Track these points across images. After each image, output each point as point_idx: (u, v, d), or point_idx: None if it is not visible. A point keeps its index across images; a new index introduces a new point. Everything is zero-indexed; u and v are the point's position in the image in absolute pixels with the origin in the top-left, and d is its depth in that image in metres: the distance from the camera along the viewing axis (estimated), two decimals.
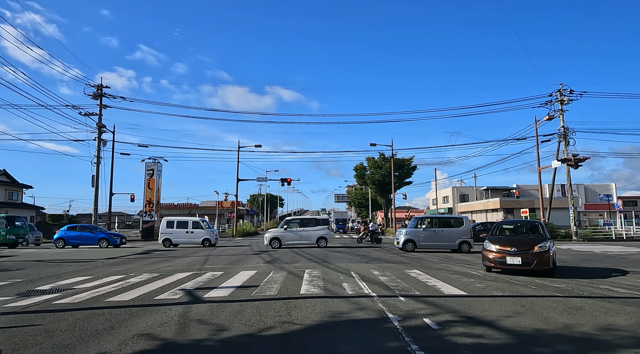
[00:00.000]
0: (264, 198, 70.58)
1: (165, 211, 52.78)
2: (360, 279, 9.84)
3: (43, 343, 4.83)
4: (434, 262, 14.05)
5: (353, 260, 14.92)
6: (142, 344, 4.78)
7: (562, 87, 30.65)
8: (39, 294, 8.07)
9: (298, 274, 10.96)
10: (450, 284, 8.97)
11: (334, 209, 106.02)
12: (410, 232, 18.89)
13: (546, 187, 40.05)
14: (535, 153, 31.81)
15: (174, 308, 6.68)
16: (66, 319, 6.01)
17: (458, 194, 63.60)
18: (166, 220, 25.41)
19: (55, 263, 14.67)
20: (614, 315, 6.13)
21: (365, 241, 27.20)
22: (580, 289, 8.38)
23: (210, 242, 24.40)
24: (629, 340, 4.89)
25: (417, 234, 18.76)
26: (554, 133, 31.39)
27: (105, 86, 30.36)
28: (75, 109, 28.54)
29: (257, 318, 5.97)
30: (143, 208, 36.87)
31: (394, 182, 45.11)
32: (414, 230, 18.89)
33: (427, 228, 18.89)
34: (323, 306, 6.85)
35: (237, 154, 41.83)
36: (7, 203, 42.05)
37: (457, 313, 6.24)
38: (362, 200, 71.77)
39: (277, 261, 14.84)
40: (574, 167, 27.72)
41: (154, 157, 37.41)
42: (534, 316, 6.06)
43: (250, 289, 8.49)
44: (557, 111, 30.50)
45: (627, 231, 33.05)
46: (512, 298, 7.50)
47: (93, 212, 30.22)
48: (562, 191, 45.15)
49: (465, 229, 18.76)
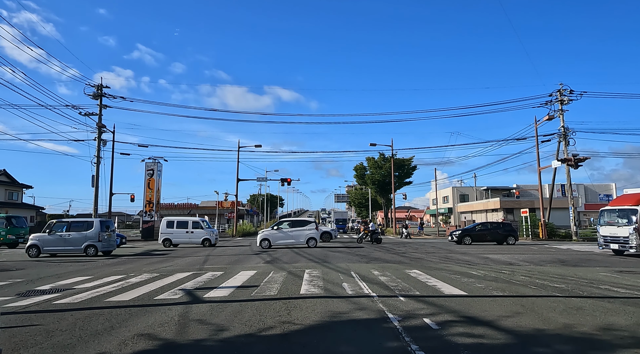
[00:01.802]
0: (264, 198, 70.58)
1: (165, 211, 52.77)
2: (360, 279, 9.84)
3: (43, 343, 4.83)
4: (434, 262, 14.05)
5: (353, 260, 14.92)
6: (142, 344, 4.78)
7: (562, 87, 30.64)
8: (39, 294, 8.08)
9: (298, 274, 10.96)
10: (450, 284, 8.97)
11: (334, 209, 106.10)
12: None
13: (546, 187, 40.05)
14: (535, 153, 31.83)
15: (174, 308, 6.68)
16: (66, 319, 6.01)
17: (458, 194, 63.59)
18: (166, 220, 25.40)
19: (55, 263, 14.67)
20: (614, 315, 6.13)
21: (365, 241, 27.20)
22: (580, 289, 8.38)
23: (210, 242, 24.40)
24: (629, 340, 4.89)
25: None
26: (554, 133, 31.39)
27: (105, 86, 30.36)
28: (75, 109, 28.52)
29: (257, 318, 5.97)
30: (143, 208, 36.87)
31: (394, 182, 45.12)
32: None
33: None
34: (323, 306, 6.85)
35: (237, 154, 41.85)
36: (7, 203, 42.08)
37: (457, 313, 6.24)
38: (362, 200, 71.74)
39: (277, 261, 14.84)
40: (574, 167, 27.72)
41: (154, 157, 37.41)
42: (534, 316, 6.06)
43: (250, 289, 8.49)
44: (557, 111, 30.48)
45: None
46: (512, 298, 7.50)
47: (93, 212, 30.19)
48: (562, 191, 45.18)
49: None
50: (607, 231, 17.51)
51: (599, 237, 17.99)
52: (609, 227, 17.42)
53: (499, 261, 14.76)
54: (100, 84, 30.20)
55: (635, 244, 15.92)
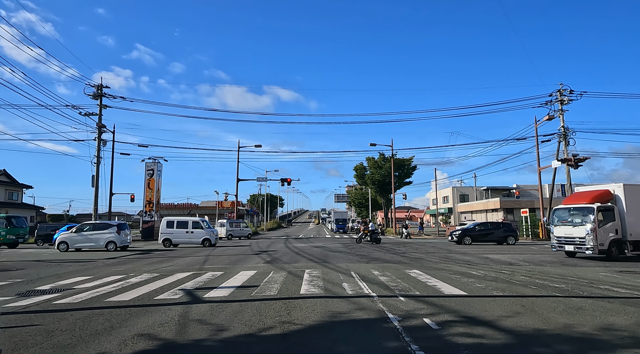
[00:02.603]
0: (264, 198, 70.56)
1: (165, 211, 52.78)
2: (360, 279, 9.84)
3: (43, 343, 4.83)
4: (434, 262, 14.05)
5: (353, 260, 14.92)
6: (142, 344, 4.78)
7: (562, 87, 30.64)
8: (39, 294, 8.07)
9: (298, 274, 10.96)
10: (450, 284, 8.97)
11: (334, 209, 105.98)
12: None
13: (546, 187, 40.01)
14: (535, 153, 31.82)
15: (174, 308, 6.68)
16: (66, 319, 6.01)
17: (458, 194, 63.58)
18: (166, 220, 25.41)
19: (55, 263, 14.67)
20: (614, 315, 6.13)
21: (364, 241, 27.20)
22: (580, 289, 8.38)
23: (210, 242, 24.40)
24: (629, 340, 4.89)
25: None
26: (554, 133, 31.37)
27: (105, 86, 30.36)
28: (75, 109, 28.52)
29: (257, 318, 5.97)
30: (143, 208, 36.86)
31: (394, 182, 45.11)
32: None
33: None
34: (323, 306, 6.85)
35: (237, 154, 41.88)
36: (7, 203, 42.06)
37: (457, 313, 6.24)
38: (362, 200, 71.72)
39: (277, 261, 14.84)
40: (574, 167, 27.70)
41: (154, 157, 37.40)
42: (534, 316, 6.05)
43: (250, 289, 8.48)
44: (557, 111, 30.47)
45: None
46: (512, 298, 7.50)
47: (93, 212, 30.19)
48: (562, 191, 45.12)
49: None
50: (561, 231, 16.24)
51: (552, 238, 16.72)
52: (563, 228, 16.16)
53: (499, 261, 14.76)
54: (100, 84, 30.20)
55: (591, 245, 14.81)
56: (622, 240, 15.25)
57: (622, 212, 15.44)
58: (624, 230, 15.30)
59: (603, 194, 15.90)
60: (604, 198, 15.75)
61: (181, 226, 24.80)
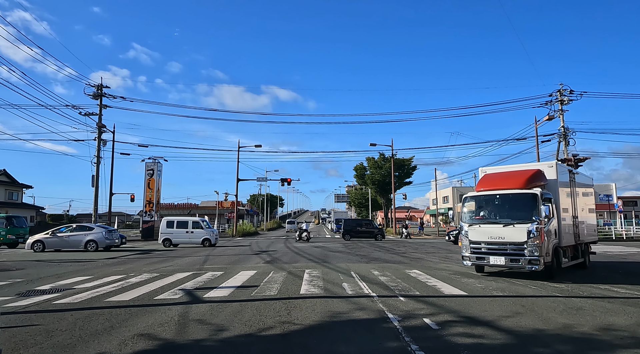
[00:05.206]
0: (264, 198, 70.54)
1: (165, 211, 52.77)
2: (360, 279, 9.84)
3: (43, 342, 4.83)
4: (434, 262, 14.05)
5: (353, 260, 14.92)
6: (142, 344, 4.78)
7: (562, 87, 30.63)
8: (39, 294, 8.07)
9: (298, 274, 10.96)
10: (450, 284, 8.97)
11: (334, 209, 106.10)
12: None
13: None
14: (536, 153, 31.79)
15: (174, 308, 6.68)
16: (66, 319, 6.01)
17: (458, 194, 63.57)
18: (166, 220, 25.40)
19: (55, 263, 14.67)
20: (614, 315, 6.13)
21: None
22: (580, 289, 8.38)
23: (210, 242, 24.40)
24: (629, 340, 4.89)
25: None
26: (554, 133, 31.35)
27: (105, 86, 30.36)
28: (75, 109, 28.50)
29: (257, 318, 5.97)
30: (143, 208, 36.84)
31: (394, 182, 45.09)
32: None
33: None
34: (323, 306, 6.85)
35: (237, 154, 41.83)
36: (7, 203, 42.05)
37: (457, 313, 6.24)
38: (362, 200, 71.69)
39: (277, 261, 14.84)
40: (574, 167, 27.71)
41: (154, 157, 37.35)
42: (534, 316, 6.06)
43: (250, 289, 8.48)
44: (557, 111, 30.47)
45: (627, 231, 33.04)
46: (512, 298, 7.50)
47: (93, 212, 30.18)
48: None
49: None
50: (482, 234, 9.99)
51: (465, 246, 10.37)
52: (486, 227, 9.98)
53: None
54: (100, 84, 30.19)
55: (536, 256, 9.07)
56: (560, 246, 10.31)
57: (557, 204, 10.38)
58: (560, 231, 10.33)
59: (536, 174, 10.18)
60: (537, 182, 10.06)
61: (181, 226, 24.79)
